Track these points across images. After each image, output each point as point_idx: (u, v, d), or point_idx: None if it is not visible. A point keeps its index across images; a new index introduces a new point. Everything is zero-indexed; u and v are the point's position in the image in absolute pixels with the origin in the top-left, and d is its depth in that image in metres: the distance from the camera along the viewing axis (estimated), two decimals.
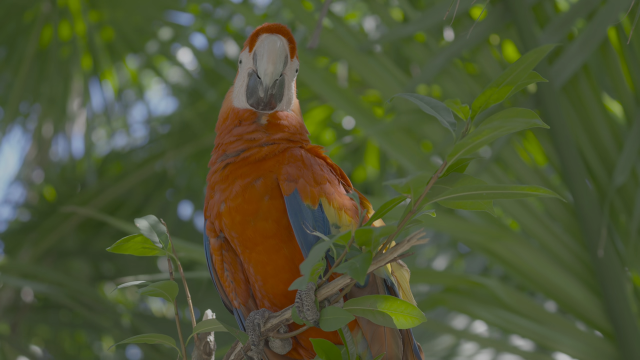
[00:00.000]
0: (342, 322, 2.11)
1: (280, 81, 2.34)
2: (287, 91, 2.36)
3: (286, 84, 2.35)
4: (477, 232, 3.91)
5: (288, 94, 2.37)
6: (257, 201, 2.27)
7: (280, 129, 2.34)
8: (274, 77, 2.32)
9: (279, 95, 2.34)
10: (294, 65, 2.37)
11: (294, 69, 2.37)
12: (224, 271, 2.36)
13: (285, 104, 2.36)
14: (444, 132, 4.03)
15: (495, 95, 2.03)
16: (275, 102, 2.34)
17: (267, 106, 2.34)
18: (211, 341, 2.34)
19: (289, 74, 2.36)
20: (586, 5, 4.00)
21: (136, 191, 6.45)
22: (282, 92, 2.35)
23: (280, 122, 2.34)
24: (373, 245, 2.08)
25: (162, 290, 2.23)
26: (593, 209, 3.92)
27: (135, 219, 2.27)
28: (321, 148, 2.40)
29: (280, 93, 2.35)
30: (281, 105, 2.35)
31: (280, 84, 2.34)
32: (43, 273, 5.51)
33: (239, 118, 2.35)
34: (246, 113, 2.34)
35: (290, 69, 2.36)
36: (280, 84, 2.34)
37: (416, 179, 2.02)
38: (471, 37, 4.02)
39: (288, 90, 2.36)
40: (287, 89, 2.36)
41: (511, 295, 3.89)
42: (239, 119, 2.35)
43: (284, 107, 2.36)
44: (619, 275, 3.86)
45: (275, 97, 2.34)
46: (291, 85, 2.38)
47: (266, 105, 2.33)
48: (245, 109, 2.35)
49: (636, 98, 4.00)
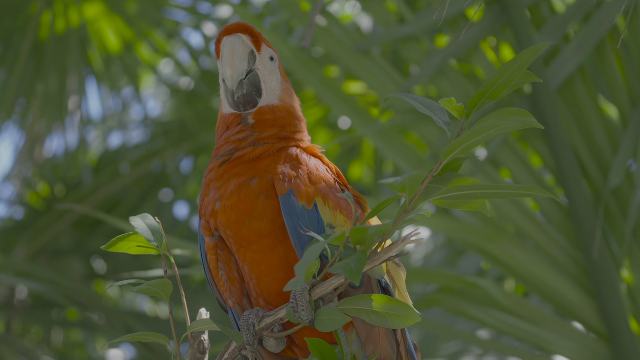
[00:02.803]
0: (337, 323, 2.11)
1: (252, 78, 2.35)
2: (266, 84, 2.36)
3: (261, 79, 2.36)
4: (472, 233, 3.91)
5: (269, 87, 2.37)
6: (253, 201, 2.27)
7: (269, 125, 2.35)
8: (236, 79, 2.33)
9: (255, 92, 2.35)
10: (265, 56, 2.37)
11: (266, 59, 2.37)
12: (218, 270, 2.36)
13: (269, 97, 2.37)
14: (440, 132, 4.03)
15: (490, 94, 2.03)
16: (255, 100, 2.35)
17: (248, 106, 2.35)
18: (205, 340, 2.33)
19: (261, 67, 2.37)
20: (582, 7, 4.00)
21: (131, 190, 6.44)
22: (259, 87, 2.36)
23: (267, 117, 2.35)
24: (368, 245, 2.08)
25: (156, 289, 2.23)
26: (588, 211, 3.92)
27: (131, 218, 2.27)
28: (317, 147, 2.40)
29: (256, 89, 2.35)
30: (263, 99, 2.36)
31: (253, 81, 2.35)
32: (37, 271, 5.49)
33: (227, 123, 2.37)
34: (231, 117, 2.36)
35: (262, 61, 2.37)
36: (253, 81, 2.35)
37: (411, 178, 2.02)
38: (467, 38, 4.02)
39: (266, 83, 2.37)
40: (265, 82, 2.36)
41: (506, 295, 3.89)
42: (226, 124, 2.37)
43: (269, 101, 2.37)
44: (614, 276, 3.87)
45: (251, 96, 2.35)
46: (271, 76, 2.38)
47: (246, 106, 2.35)
48: (230, 114, 2.37)
49: (631, 100, 4.01)
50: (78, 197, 6.30)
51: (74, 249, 6.38)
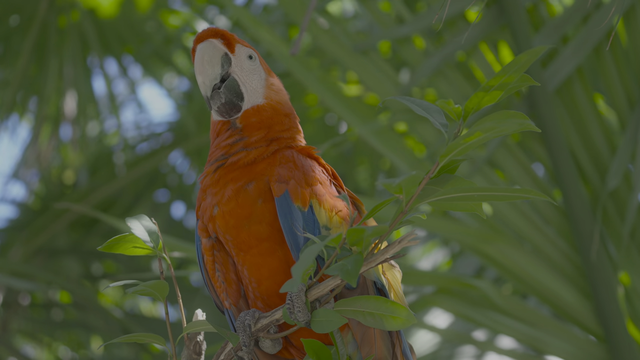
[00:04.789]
0: (334, 324, 2.10)
1: (229, 84, 2.34)
2: (246, 86, 2.35)
3: (240, 81, 2.35)
4: (469, 234, 3.91)
5: (249, 87, 2.36)
6: (251, 205, 2.27)
7: (255, 127, 2.33)
8: (208, 84, 2.32)
9: (235, 97, 2.34)
10: (241, 56, 2.36)
11: (243, 59, 2.36)
12: (215, 271, 2.35)
13: (252, 98, 2.35)
14: (438, 133, 4.03)
15: (488, 96, 2.03)
16: (237, 104, 2.34)
17: (232, 112, 2.34)
18: (201, 341, 2.33)
19: (238, 68, 2.35)
20: (580, 8, 4.00)
21: (127, 190, 6.44)
22: (238, 91, 2.35)
23: (252, 120, 2.34)
24: (364, 246, 2.07)
25: (152, 290, 2.22)
26: (585, 213, 3.92)
27: (127, 218, 2.27)
28: (313, 149, 2.39)
29: (236, 94, 2.34)
30: (247, 102, 2.35)
31: (231, 86, 2.34)
32: (34, 272, 5.49)
33: (216, 130, 2.37)
34: (219, 124, 2.36)
35: (238, 62, 2.35)
36: (231, 86, 2.34)
37: (408, 179, 2.01)
38: (466, 39, 4.02)
39: (246, 84, 2.35)
40: (245, 84, 2.35)
41: (503, 297, 3.89)
42: (216, 131, 2.37)
43: (253, 101, 2.35)
44: (611, 278, 3.86)
45: (232, 102, 2.34)
46: (251, 76, 2.36)
47: (230, 112, 2.34)
48: (218, 121, 2.36)
49: (629, 102, 4.01)
50: (74, 197, 6.29)
51: (71, 249, 6.37)
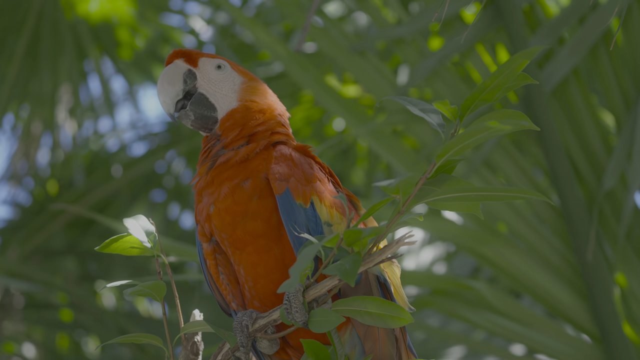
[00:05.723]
0: (331, 324, 2.11)
1: (196, 98, 2.39)
2: (216, 96, 2.39)
3: (208, 95, 2.39)
4: (465, 235, 3.91)
5: (220, 97, 2.39)
6: (246, 201, 2.28)
7: (230, 129, 2.37)
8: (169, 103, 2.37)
9: (207, 110, 2.39)
10: (206, 69, 2.40)
11: (210, 71, 2.40)
12: (219, 274, 2.37)
13: (225, 105, 2.40)
14: (434, 133, 4.03)
15: (484, 96, 2.03)
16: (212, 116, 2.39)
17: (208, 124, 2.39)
18: (198, 341, 2.33)
19: (204, 82, 2.40)
20: (576, 9, 4.01)
21: (124, 191, 6.43)
22: (209, 104, 2.39)
23: (227, 125, 2.37)
24: (362, 247, 2.08)
25: (150, 290, 2.22)
26: (581, 213, 3.93)
27: (124, 219, 2.27)
28: (309, 147, 2.40)
29: (207, 107, 2.39)
30: (220, 111, 2.39)
31: (198, 100, 2.39)
32: (30, 272, 5.48)
33: (203, 142, 2.42)
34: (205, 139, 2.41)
35: (204, 76, 2.40)
36: (198, 100, 2.39)
37: (405, 180, 2.02)
38: (462, 40, 4.02)
39: (216, 94, 2.39)
40: (214, 95, 2.39)
41: (499, 297, 3.89)
42: (203, 143, 2.42)
43: (227, 108, 2.39)
44: (607, 279, 3.87)
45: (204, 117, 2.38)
46: (220, 85, 2.40)
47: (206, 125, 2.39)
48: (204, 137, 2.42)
49: (626, 102, 4.01)
50: (71, 198, 6.28)
51: (67, 249, 6.36)
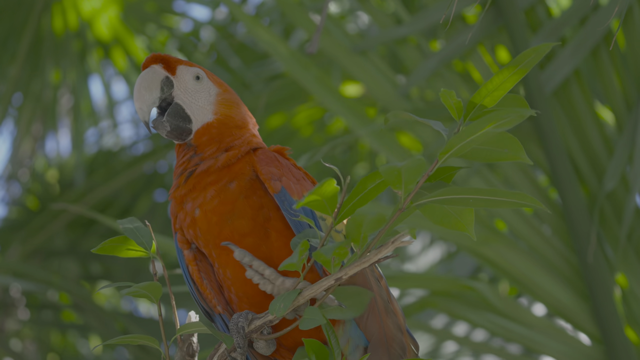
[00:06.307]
0: (317, 321, 2.10)
1: (173, 109, 2.35)
2: (192, 107, 2.36)
3: (184, 105, 2.36)
4: (466, 235, 3.90)
5: (196, 108, 2.36)
6: (233, 201, 2.29)
7: (206, 144, 2.35)
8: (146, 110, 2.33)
9: (182, 121, 2.35)
10: (184, 77, 2.37)
11: (188, 80, 2.37)
12: (202, 279, 2.38)
13: (201, 117, 2.37)
14: (436, 133, 4.03)
15: (490, 96, 2.00)
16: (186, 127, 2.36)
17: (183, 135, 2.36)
18: (194, 343, 2.32)
19: (181, 91, 2.36)
20: (578, 10, 4.00)
21: (125, 191, 6.43)
22: (184, 115, 2.36)
23: (203, 139, 2.35)
24: (361, 242, 2.06)
25: (146, 291, 2.22)
26: (582, 215, 3.92)
27: (118, 221, 2.27)
28: (286, 149, 2.42)
29: (183, 118, 2.36)
30: (195, 122, 2.36)
31: (175, 111, 2.35)
32: (31, 271, 5.48)
33: (177, 152, 2.39)
34: (178, 147, 2.38)
35: (181, 85, 2.36)
36: (175, 111, 2.35)
37: (409, 165, 1.91)
38: (464, 41, 4.01)
39: (192, 106, 2.36)
40: (190, 106, 2.36)
41: (500, 298, 3.89)
42: (177, 153, 2.39)
43: (202, 120, 2.37)
44: (608, 280, 3.86)
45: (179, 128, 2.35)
46: (196, 96, 2.37)
47: (181, 135, 2.36)
48: (177, 144, 2.39)
49: (627, 103, 4.00)
50: (71, 197, 6.28)
51: (68, 249, 6.36)
